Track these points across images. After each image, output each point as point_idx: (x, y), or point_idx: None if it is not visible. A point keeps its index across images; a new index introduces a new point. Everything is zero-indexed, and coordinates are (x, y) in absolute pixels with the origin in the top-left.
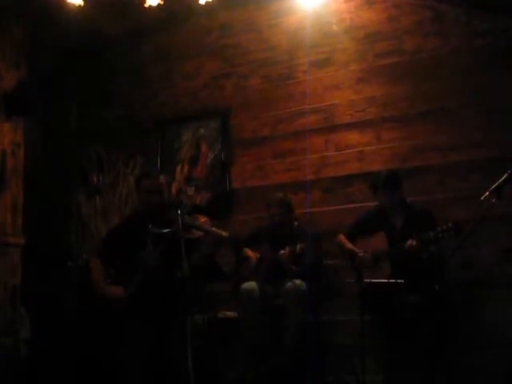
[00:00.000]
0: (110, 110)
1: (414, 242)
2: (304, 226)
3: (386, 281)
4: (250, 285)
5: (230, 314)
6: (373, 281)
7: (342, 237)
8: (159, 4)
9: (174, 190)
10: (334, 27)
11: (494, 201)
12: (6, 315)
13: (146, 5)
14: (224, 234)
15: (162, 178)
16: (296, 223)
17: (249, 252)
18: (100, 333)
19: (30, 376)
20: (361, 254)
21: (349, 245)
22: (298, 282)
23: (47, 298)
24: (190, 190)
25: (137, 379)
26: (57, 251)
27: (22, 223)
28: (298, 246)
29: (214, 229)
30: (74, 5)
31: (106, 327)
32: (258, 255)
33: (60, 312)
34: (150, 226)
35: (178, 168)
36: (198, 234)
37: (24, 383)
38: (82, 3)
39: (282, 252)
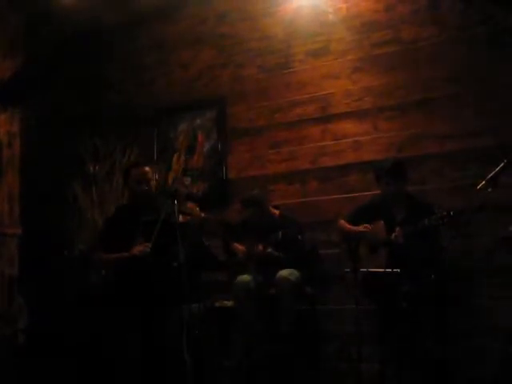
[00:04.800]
0: (107, 99)
1: (399, 232)
2: (287, 214)
3: (383, 270)
4: (245, 277)
5: (227, 302)
6: (369, 270)
7: (342, 222)
8: None
9: (170, 180)
10: (331, 16)
11: (490, 190)
12: (3, 305)
13: None
14: (202, 215)
15: (148, 167)
16: (277, 212)
17: (237, 247)
18: (97, 322)
19: (28, 365)
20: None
21: (351, 226)
22: (288, 270)
23: (44, 288)
24: (187, 180)
25: (134, 368)
26: (53, 241)
27: (19, 213)
28: (280, 233)
29: (195, 211)
30: None
31: (103, 316)
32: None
33: (57, 301)
34: (141, 216)
35: (175, 158)
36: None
37: (22, 372)
38: None
39: (258, 250)
